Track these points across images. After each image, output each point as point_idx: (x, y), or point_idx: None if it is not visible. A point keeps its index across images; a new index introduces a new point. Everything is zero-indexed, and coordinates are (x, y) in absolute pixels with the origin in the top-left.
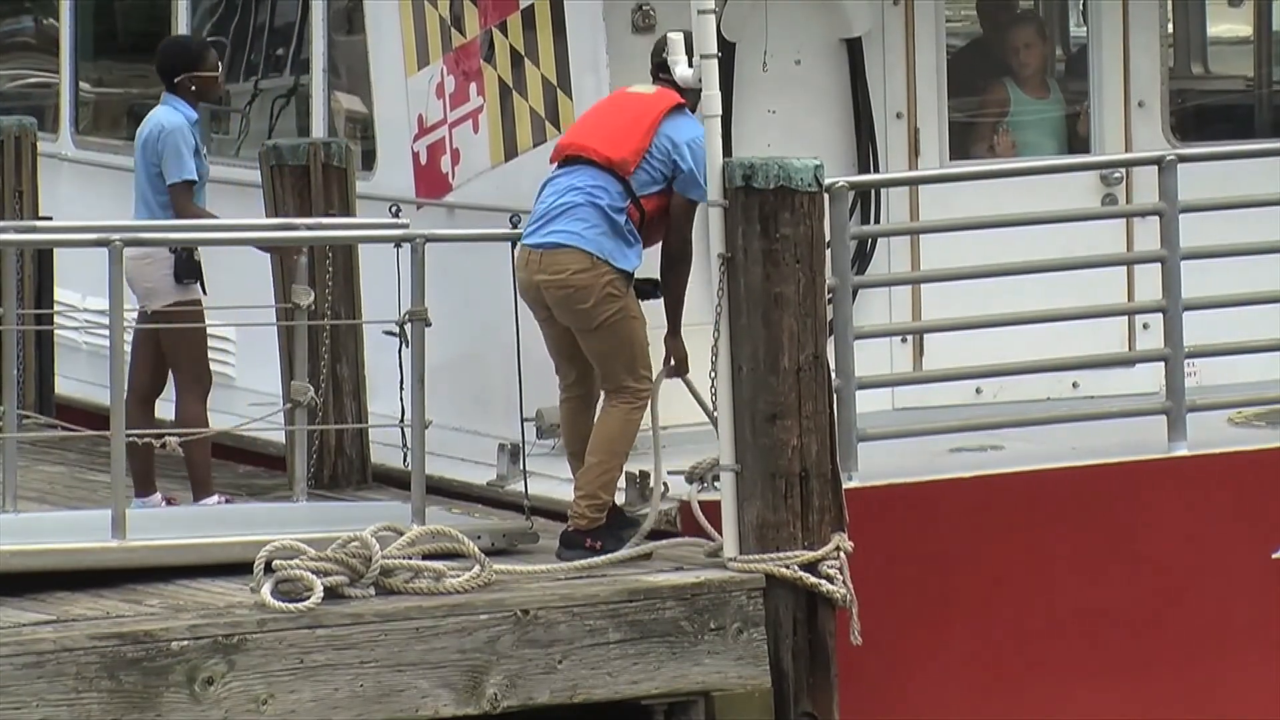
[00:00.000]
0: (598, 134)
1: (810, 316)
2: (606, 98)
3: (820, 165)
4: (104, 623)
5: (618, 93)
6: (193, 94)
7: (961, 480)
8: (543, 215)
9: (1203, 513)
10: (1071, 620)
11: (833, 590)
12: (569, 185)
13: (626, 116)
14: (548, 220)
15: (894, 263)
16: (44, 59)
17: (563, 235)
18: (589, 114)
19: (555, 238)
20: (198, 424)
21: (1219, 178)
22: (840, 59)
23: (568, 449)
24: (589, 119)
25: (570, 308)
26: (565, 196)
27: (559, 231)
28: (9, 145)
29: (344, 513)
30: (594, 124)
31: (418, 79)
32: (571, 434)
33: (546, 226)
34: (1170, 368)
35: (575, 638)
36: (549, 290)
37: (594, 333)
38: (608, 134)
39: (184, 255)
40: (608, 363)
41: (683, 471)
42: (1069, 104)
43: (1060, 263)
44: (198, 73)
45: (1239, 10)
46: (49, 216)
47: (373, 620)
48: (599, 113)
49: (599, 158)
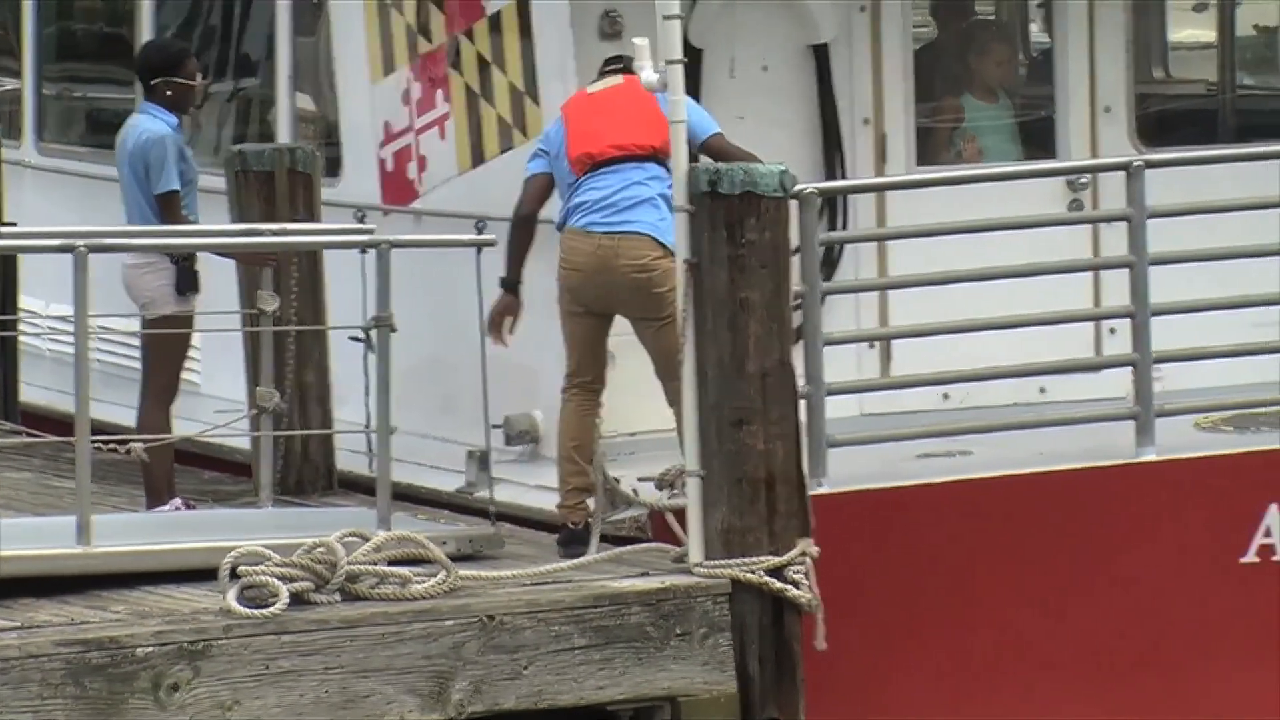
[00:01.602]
0: (626, 131)
1: (776, 322)
2: (586, 101)
3: (786, 171)
4: (69, 629)
5: (603, 94)
6: (168, 99)
7: (930, 486)
8: (608, 204)
9: (1171, 518)
10: (1040, 626)
11: (798, 595)
12: (629, 179)
13: (635, 109)
14: (620, 209)
15: (861, 268)
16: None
17: (640, 224)
18: (594, 118)
19: (633, 226)
20: (159, 431)
21: (1184, 183)
22: (807, 65)
23: (566, 447)
24: (600, 122)
25: (648, 292)
26: (633, 189)
27: (636, 221)
28: None
29: (310, 519)
30: (613, 124)
31: (384, 86)
32: (577, 431)
33: (620, 214)
34: (1138, 373)
35: (541, 643)
36: (629, 274)
37: (661, 321)
38: (634, 128)
39: (186, 266)
40: (673, 354)
41: (652, 478)
42: (1030, 109)
43: (1028, 268)
44: (175, 78)
45: (1201, 15)
46: (13, 223)
47: (338, 626)
48: (607, 113)
49: (644, 150)
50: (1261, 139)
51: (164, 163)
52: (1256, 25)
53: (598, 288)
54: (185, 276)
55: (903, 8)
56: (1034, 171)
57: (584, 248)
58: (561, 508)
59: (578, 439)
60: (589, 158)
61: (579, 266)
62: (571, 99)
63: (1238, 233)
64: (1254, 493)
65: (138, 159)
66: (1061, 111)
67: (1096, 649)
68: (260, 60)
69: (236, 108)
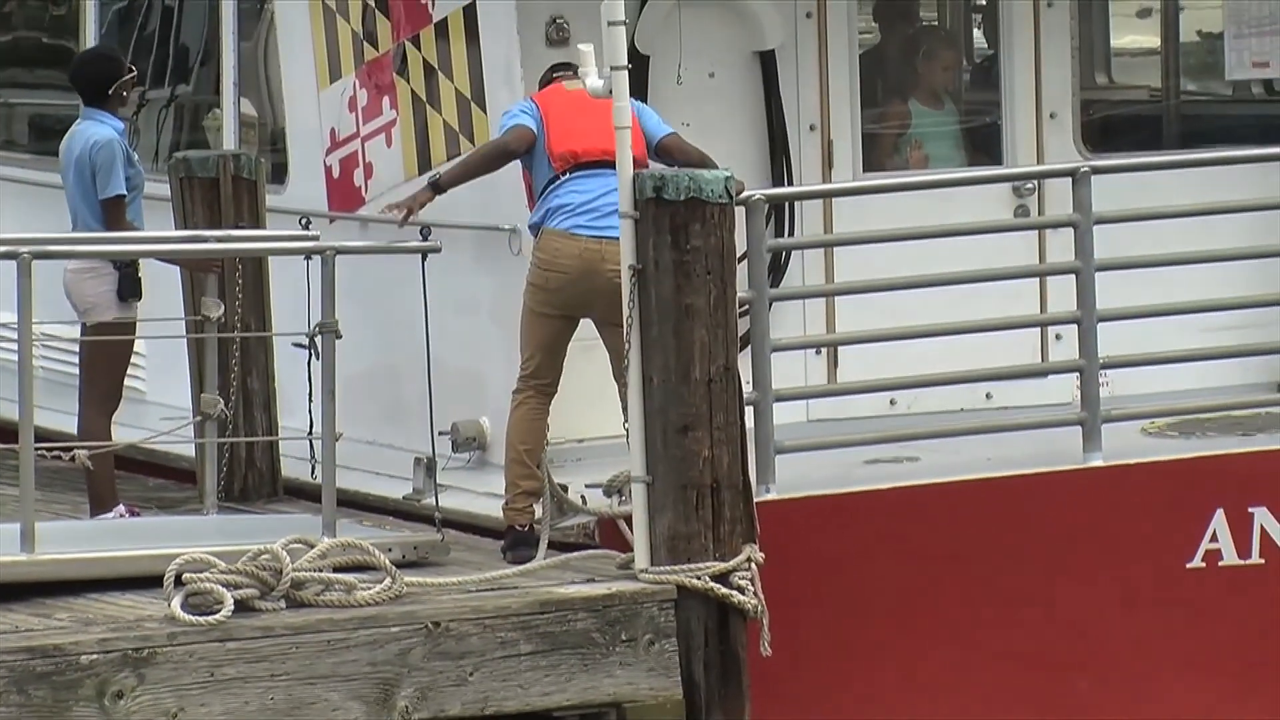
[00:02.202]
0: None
1: (721, 328)
2: (565, 98)
3: (730, 177)
4: (12, 636)
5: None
6: (124, 101)
7: (878, 492)
8: (591, 208)
9: (1118, 523)
10: (988, 632)
11: (744, 601)
12: (611, 185)
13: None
14: (603, 214)
15: (808, 275)
16: None
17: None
18: (577, 117)
19: (618, 232)
20: (101, 438)
21: (1129, 189)
22: (754, 71)
23: (517, 449)
24: (584, 123)
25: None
26: (615, 195)
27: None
28: None
29: (254, 525)
30: (596, 126)
31: (330, 92)
32: (528, 434)
33: (605, 219)
34: (1085, 378)
35: (486, 650)
36: (612, 279)
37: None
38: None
39: (129, 272)
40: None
41: (600, 484)
42: (974, 115)
43: (974, 275)
44: (125, 80)
45: (1144, 21)
46: None
47: (283, 633)
48: (589, 114)
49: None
50: (1205, 145)
51: (111, 167)
52: (1199, 31)
53: (580, 291)
54: (127, 282)
55: (849, 14)
56: (981, 178)
57: (569, 250)
58: (509, 509)
59: (529, 443)
60: (573, 156)
61: (563, 269)
62: (546, 91)
63: (1182, 238)
64: (1200, 498)
65: (84, 164)
66: (1007, 117)
67: (1044, 654)
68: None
69: (175, 114)
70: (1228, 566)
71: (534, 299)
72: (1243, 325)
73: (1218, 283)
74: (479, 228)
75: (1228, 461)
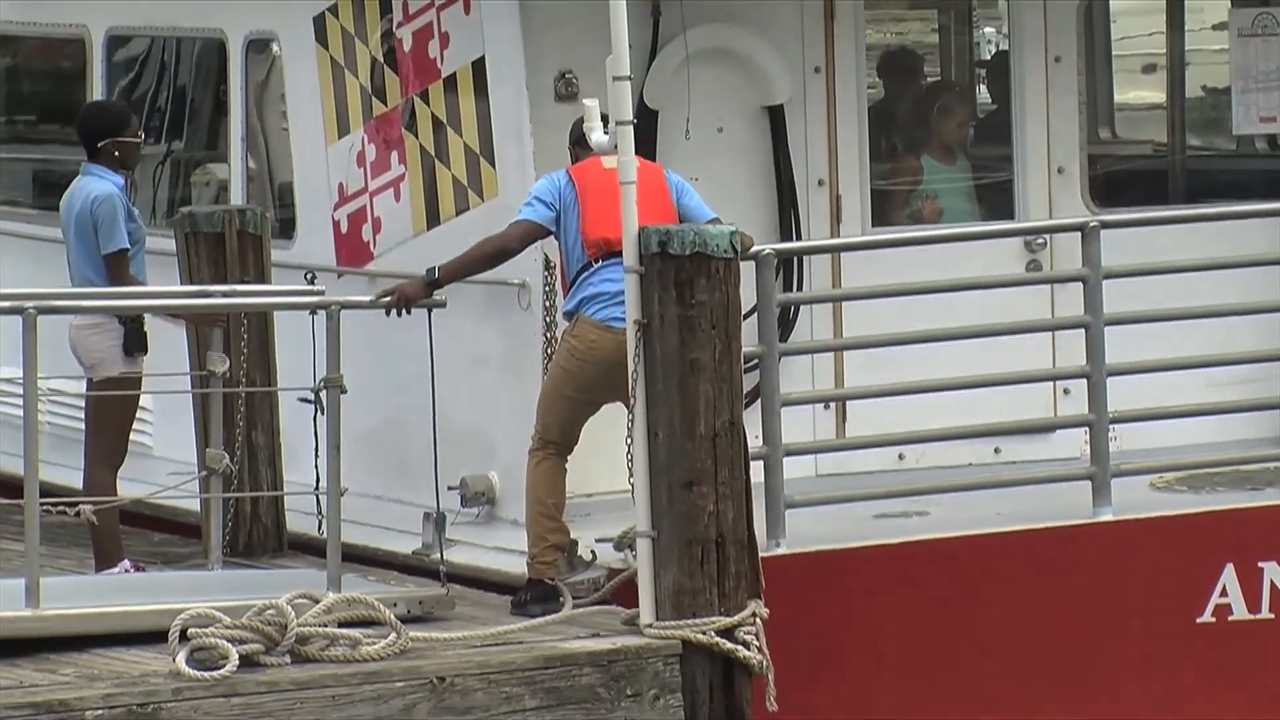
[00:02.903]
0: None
1: (726, 383)
2: (602, 177)
3: (736, 232)
4: (18, 692)
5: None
6: (115, 159)
7: (890, 546)
8: (618, 299)
9: (1127, 577)
10: (998, 686)
11: (749, 656)
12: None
13: (650, 198)
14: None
15: (816, 329)
16: None
17: None
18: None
19: None
20: (106, 493)
21: (1132, 244)
22: (762, 126)
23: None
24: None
25: None
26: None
27: None
28: None
29: (260, 580)
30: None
31: (338, 147)
32: (557, 488)
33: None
34: (1094, 433)
35: (492, 705)
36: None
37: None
38: (651, 219)
39: (134, 327)
40: None
41: (611, 539)
42: (981, 171)
43: (983, 329)
44: (120, 138)
45: (1148, 77)
46: None
47: (288, 688)
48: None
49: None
50: (1211, 200)
51: (114, 222)
52: (1204, 86)
53: (616, 379)
54: (133, 337)
55: (858, 69)
56: (988, 232)
57: (606, 343)
58: (539, 563)
59: (556, 497)
60: (606, 244)
61: (601, 361)
62: (584, 165)
63: (1186, 293)
64: (1211, 553)
65: (85, 220)
66: (1019, 173)
67: (1054, 708)
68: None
69: (170, 169)
70: (1238, 621)
71: (565, 383)
72: (1249, 380)
73: (1223, 337)
74: (489, 282)
75: (1237, 516)
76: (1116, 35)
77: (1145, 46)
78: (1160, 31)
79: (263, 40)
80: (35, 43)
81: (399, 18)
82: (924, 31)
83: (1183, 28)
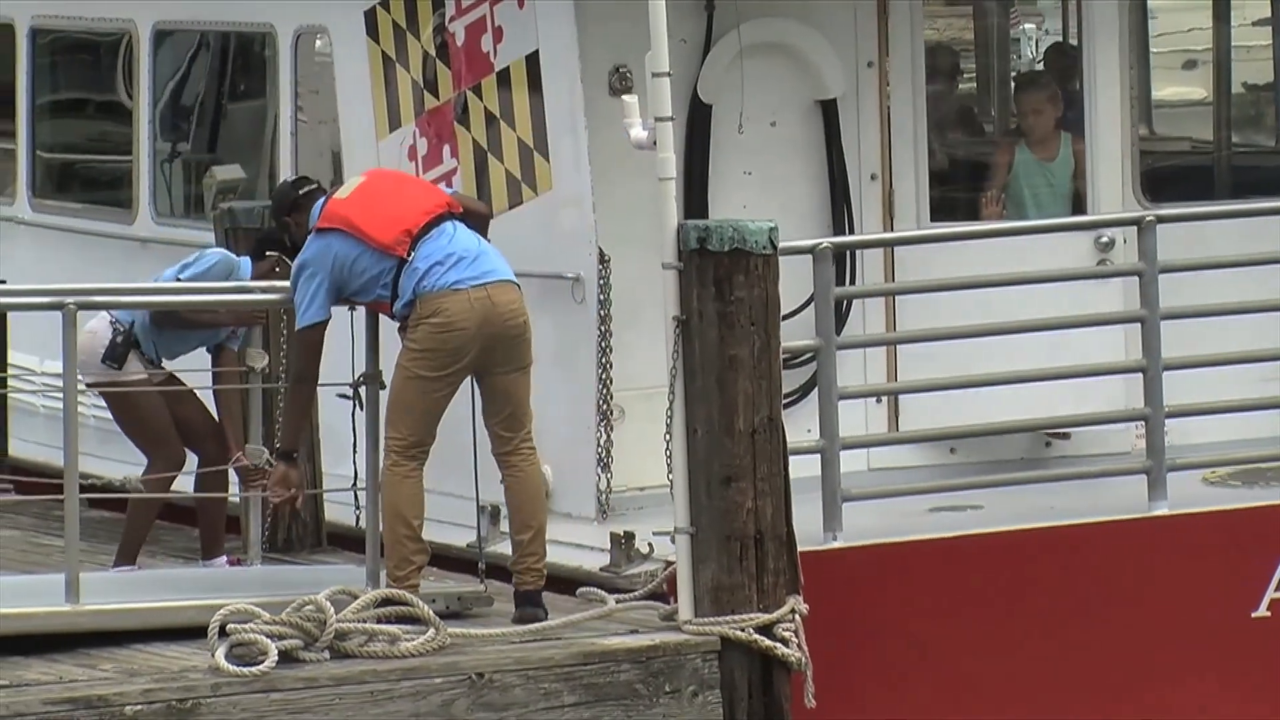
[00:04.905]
0: (417, 201)
1: (765, 379)
2: (349, 202)
3: (775, 228)
4: (57, 687)
5: (358, 191)
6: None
7: (946, 540)
8: (458, 259)
9: (1183, 572)
10: (1051, 681)
11: (787, 654)
12: (453, 234)
13: (402, 187)
14: (471, 260)
15: (869, 323)
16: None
17: (499, 271)
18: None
19: (496, 275)
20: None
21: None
22: (816, 120)
23: (411, 525)
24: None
25: (523, 338)
26: (465, 241)
27: (495, 269)
28: None
29: (298, 576)
30: (400, 202)
31: (389, 141)
32: (421, 504)
33: (475, 266)
34: (1150, 427)
35: (530, 701)
36: (509, 322)
37: (525, 370)
38: (419, 198)
39: (117, 339)
40: (526, 405)
41: (667, 532)
42: None
43: (1038, 323)
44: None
45: (1188, 73)
46: (2, 280)
47: (327, 684)
48: (383, 198)
49: (443, 210)
50: (1256, 195)
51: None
52: (1245, 83)
53: (482, 341)
54: (112, 348)
55: (913, 63)
56: (1041, 226)
57: (459, 305)
58: (406, 585)
59: (421, 516)
60: (407, 235)
61: (462, 324)
62: (331, 209)
63: (1233, 288)
64: (1266, 547)
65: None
66: (1090, 169)
67: (1108, 704)
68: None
69: (183, 169)
70: None
71: (424, 364)
72: None
73: (1272, 330)
74: (543, 276)
75: None
76: (1154, 31)
77: (1184, 43)
78: (1199, 28)
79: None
80: (80, 37)
81: (451, 11)
82: (962, 28)
83: (1229, 22)
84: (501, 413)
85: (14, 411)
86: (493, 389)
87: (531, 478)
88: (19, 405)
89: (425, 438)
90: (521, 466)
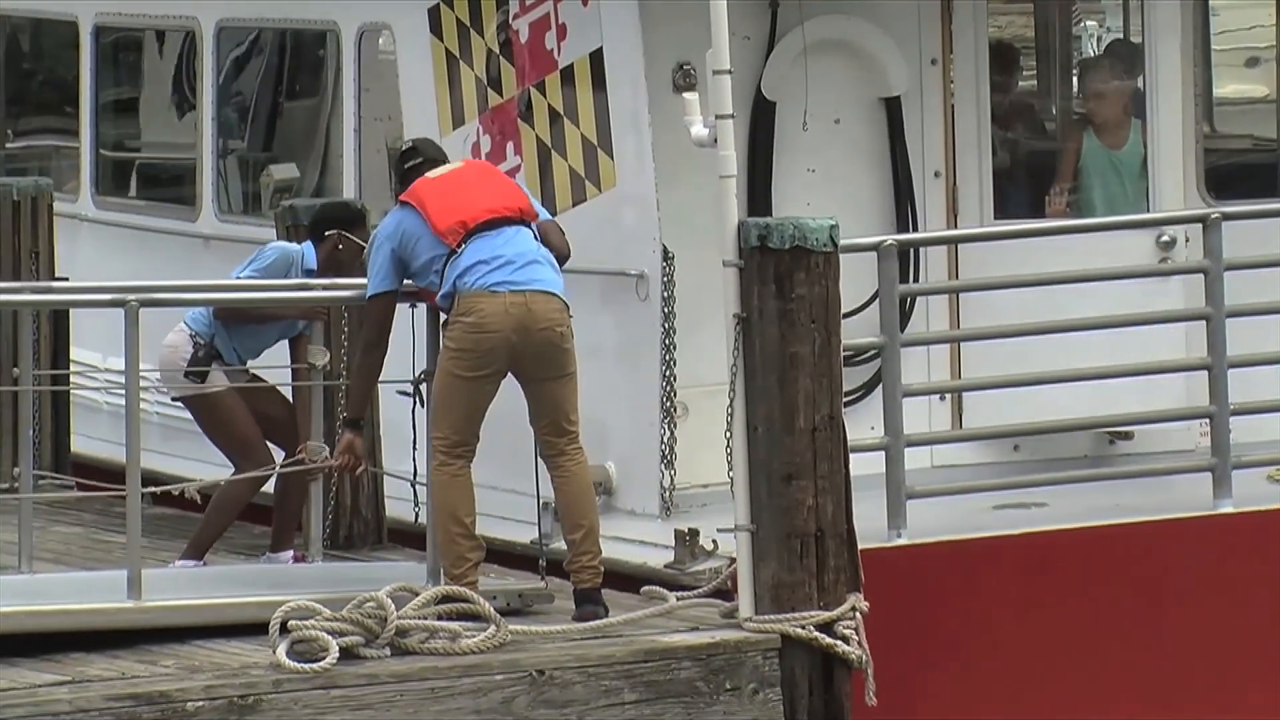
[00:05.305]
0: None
1: (825, 376)
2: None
3: (835, 225)
4: (119, 684)
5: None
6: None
7: (1012, 537)
8: (505, 262)
9: (1248, 569)
10: (1115, 679)
11: (848, 651)
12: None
13: (488, 182)
14: (519, 266)
15: (932, 320)
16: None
17: (544, 282)
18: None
19: (539, 284)
20: (235, 495)
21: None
22: (879, 118)
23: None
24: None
25: (560, 348)
26: (520, 247)
27: (540, 279)
28: (25, 206)
29: (359, 573)
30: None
31: (453, 139)
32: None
33: (520, 272)
34: (1216, 425)
35: (591, 698)
36: (543, 331)
37: (568, 378)
38: (496, 196)
39: (198, 352)
40: (574, 409)
41: (731, 529)
42: None
43: (1102, 320)
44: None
45: (1250, 71)
46: (65, 277)
47: (388, 681)
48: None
49: (513, 213)
50: None
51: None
52: None
53: (513, 347)
54: (194, 361)
55: (976, 60)
56: (1104, 224)
57: (493, 308)
58: (464, 583)
59: (472, 513)
60: (463, 226)
61: (494, 328)
62: (415, 186)
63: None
64: None
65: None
66: (1153, 165)
67: (1173, 702)
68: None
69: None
70: None
71: (459, 364)
72: None
73: None
74: (607, 273)
75: None
76: (1216, 29)
77: (1246, 40)
78: (1261, 25)
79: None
80: (142, 35)
81: (515, 9)
82: (1024, 25)
83: None
84: (545, 418)
85: (77, 408)
86: (535, 395)
87: (579, 478)
88: (82, 402)
89: (468, 437)
90: (569, 468)
